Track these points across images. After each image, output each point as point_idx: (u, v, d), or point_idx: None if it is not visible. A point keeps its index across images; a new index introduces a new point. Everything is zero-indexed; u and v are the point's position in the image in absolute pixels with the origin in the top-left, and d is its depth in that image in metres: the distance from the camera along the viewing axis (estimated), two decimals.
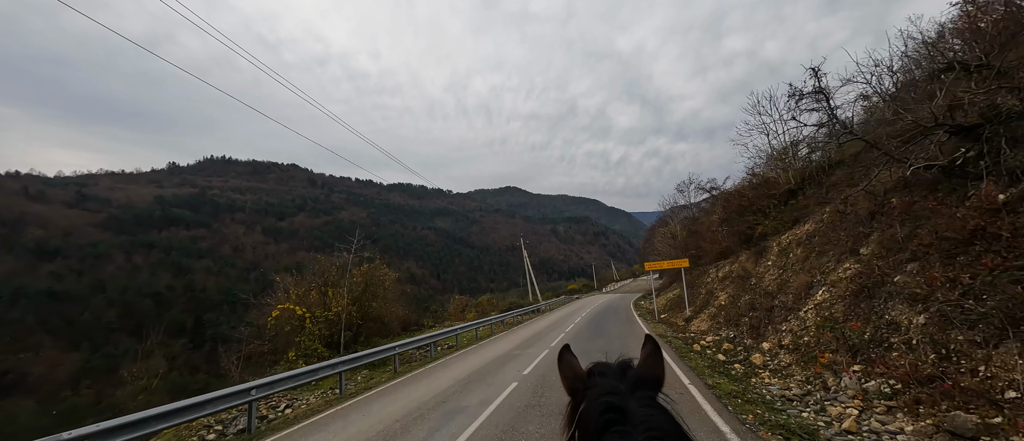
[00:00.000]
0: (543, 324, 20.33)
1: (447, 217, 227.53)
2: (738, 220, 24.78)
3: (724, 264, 19.47)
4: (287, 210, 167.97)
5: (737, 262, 17.92)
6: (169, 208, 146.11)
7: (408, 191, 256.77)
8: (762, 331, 11.11)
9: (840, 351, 7.40)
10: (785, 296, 11.21)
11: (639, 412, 0.74)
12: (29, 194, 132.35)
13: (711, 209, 34.12)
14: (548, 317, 24.94)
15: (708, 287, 19.13)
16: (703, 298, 18.54)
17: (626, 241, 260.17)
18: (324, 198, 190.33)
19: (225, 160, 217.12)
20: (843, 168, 19.56)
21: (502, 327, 20.00)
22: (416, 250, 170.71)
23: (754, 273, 15.14)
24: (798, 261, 12.28)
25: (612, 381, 0.86)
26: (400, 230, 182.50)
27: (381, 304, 14.06)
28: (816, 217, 13.23)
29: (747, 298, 13.80)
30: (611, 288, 69.37)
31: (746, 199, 24.76)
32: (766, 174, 25.06)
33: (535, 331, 17.32)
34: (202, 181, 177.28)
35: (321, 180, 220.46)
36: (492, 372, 9.25)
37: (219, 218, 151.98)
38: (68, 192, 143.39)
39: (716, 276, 19.19)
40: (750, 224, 22.85)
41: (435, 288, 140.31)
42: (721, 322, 14.39)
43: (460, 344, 15.09)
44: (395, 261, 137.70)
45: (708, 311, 16.59)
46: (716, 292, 17.58)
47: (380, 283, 14.21)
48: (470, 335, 16.93)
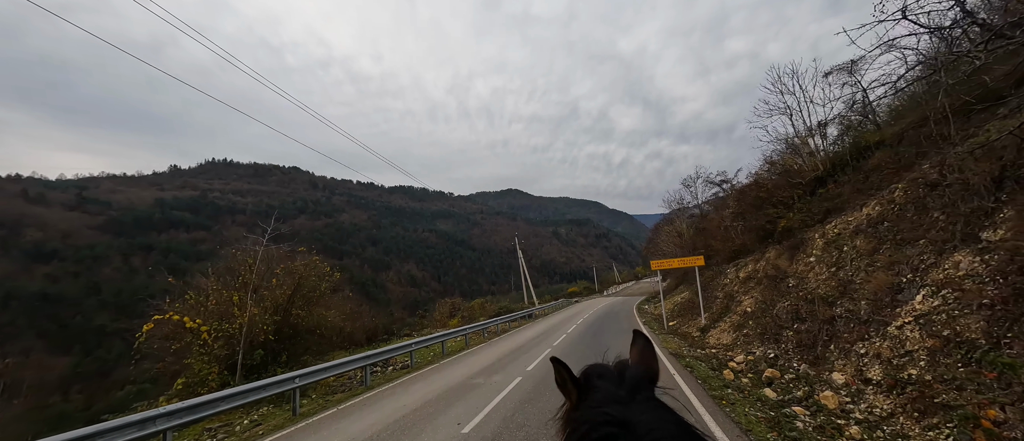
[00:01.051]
0: (531, 334, 17.06)
1: (448, 219, 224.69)
2: (755, 214, 21.57)
3: (746, 262, 16.17)
4: (288, 213, 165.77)
5: (762, 260, 14.63)
6: (169, 211, 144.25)
7: (409, 194, 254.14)
8: (821, 352, 7.84)
9: (1014, 401, 4.13)
10: (853, 302, 7.93)
11: (643, 421, 0.67)
12: (29, 196, 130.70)
13: (722, 204, 30.79)
14: (539, 324, 21.68)
15: (726, 290, 15.83)
16: (721, 303, 15.24)
17: (628, 243, 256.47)
18: (325, 200, 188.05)
19: (226, 163, 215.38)
20: (885, 149, 16.30)
21: (482, 338, 16.76)
22: (417, 252, 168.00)
23: (791, 272, 11.85)
24: (862, 255, 9.00)
25: (610, 386, 0.79)
26: (401, 232, 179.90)
27: (317, 312, 10.82)
28: (882, 197, 9.93)
29: (786, 304, 10.52)
30: (613, 291, 65.99)
31: (764, 190, 21.55)
32: (787, 161, 21.81)
33: (518, 343, 14.07)
34: (203, 184, 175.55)
35: (322, 183, 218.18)
36: (427, 419, 6.03)
37: (219, 220, 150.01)
38: (68, 195, 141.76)
39: (736, 277, 15.89)
40: (770, 218, 19.61)
41: (436, 291, 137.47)
42: (751, 335, 11.11)
43: (419, 362, 11.88)
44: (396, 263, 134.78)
45: (730, 319, 13.31)
46: (738, 296, 14.29)
47: (314, 286, 10.95)
48: (436, 349, 13.73)
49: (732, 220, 24.19)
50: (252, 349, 8.73)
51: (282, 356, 9.51)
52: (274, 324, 9.53)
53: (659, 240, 44.73)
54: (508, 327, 20.81)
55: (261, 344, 9.01)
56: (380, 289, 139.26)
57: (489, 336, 17.67)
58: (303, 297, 10.48)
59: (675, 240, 37.30)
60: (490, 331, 18.93)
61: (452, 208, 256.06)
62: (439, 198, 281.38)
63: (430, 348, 13.90)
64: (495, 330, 19.01)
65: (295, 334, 10.45)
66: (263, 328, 8.95)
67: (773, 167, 21.92)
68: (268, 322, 9.29)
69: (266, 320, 9.29)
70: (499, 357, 11.25)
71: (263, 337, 8.92)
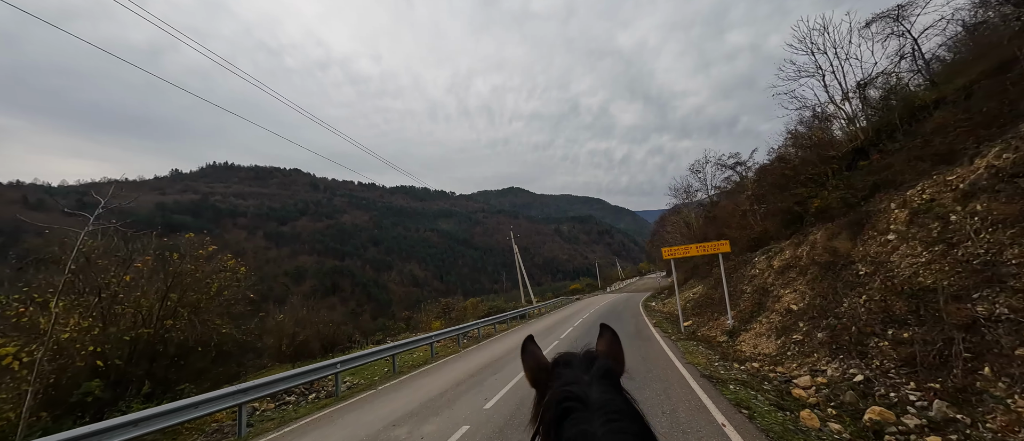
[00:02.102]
0: (517, 339, 13.89)
1: (450, 219, 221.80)
2: (779, 196, 18.29)
3: (781, 248, 12.89)
4: (289, 214, 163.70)
5: (805, 244, 11.37)
6: (170, 215, 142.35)
7: (411, 193, 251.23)
8: (964, 377, 4.65)
9: None
10: (1012, 295, 4.73)
11: (600, 398, 0.73)
12: (28, 203, 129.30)
13: (735, 189, 27.46)
14: (532, 326, 18.50)
15: (756, 283, 12.57)
16: (750, 299, 11.98)
17: (631, 239, 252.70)
18: (326, 202, 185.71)
19: (227, 166, 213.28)
20: (946, 107, 13.04)
21: (456, 346, 13.60)
22: (419, 252, 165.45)
23: (857, 256, 8.61)
24: (997, 222, 5.78)
25: (576, 371, 0.84)
26: (403, 232, 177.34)
27: (212, 321, 7.55)
28: (1011, 143, 6.65)
29: (861, 299, 7.30)
30: (616, 287, 62.72)
31: (790, 168, 18.28)
32: (816, 134, 18.53)
33: (495, 355, 10.92)
34: (204, 187, 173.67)
35: (323, 184, 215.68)
36: None
37: (221, 223, 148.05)
38: (69, 201, 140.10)
39: (767, 266, 12.62)
40: (799, 198, 16.34)
41: (438, 290, 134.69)
42: (808, 342, 7.89)
43: (360, 384, 8.76)
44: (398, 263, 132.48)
45: (766, 320, 10.10)
46: (774, 290, 11.05)
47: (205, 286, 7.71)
48: (382, 367, 10.61)
49: (751, 204, 20.92)
50: (77, 378, 5.69)
51: (144, 386, 6.47)
52: (137, 340, 6.46)
53: (665, 233, 41.41)
54: (494, 330, 17.62)
55: (101, 372, 5.96)
56: (382, 289, 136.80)
57: (467, 343, 14.52)
58: (190, 303, 7.39)
59: (683, 231, 33.98)
60: (471, 336, 15.77)
61: (454, 207, 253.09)
62: (441, 197, 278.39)
63: (381, 364, 10.78)
64: (476, 334, 15.84)
65: (181, 353, 7.37)
66: (98, 349, 5.85)
67: (799, 141, 18.63)
68: (118, 337, 6.21)
69: (116, 334, 6.22)
70: (459, 380, 8.09)
71: (101, 362, 5.86)
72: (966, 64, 14.31)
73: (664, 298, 30.77)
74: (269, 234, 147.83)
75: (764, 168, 21.23)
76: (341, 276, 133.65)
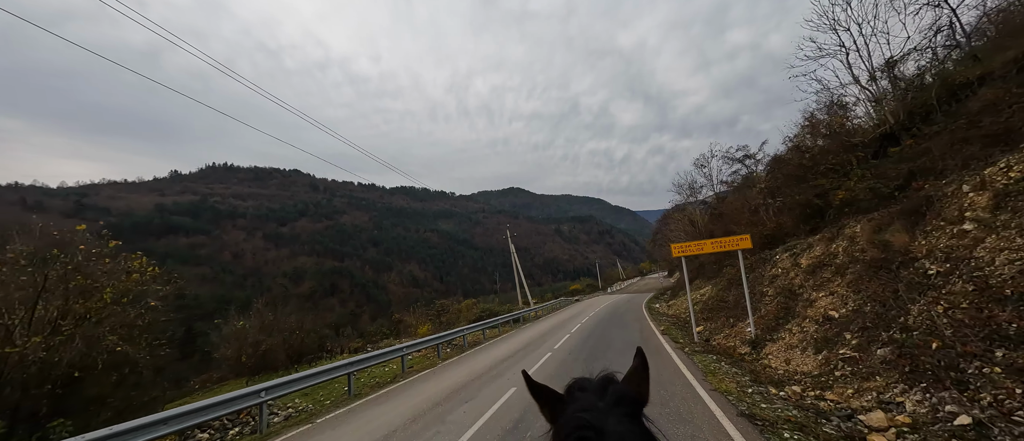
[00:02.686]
0: (505, 349, 12.17)
1: (450, 219, 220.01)
2: (795, 188, 16.61)
3: (810, 243, 11.12)
4: (288, 215, 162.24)
5: (841, 238, 9.62)
6: (168, 216, 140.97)
7: (411, 194, 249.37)
8: None
9: None
10: None
11: (616, 430, 0.67)
12: (26, 205, 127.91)
13: (745, 183, 25.71)
14: (526, 331, 16.77)
15: (778, 285, 10.81)
16: (775, 303, 10.23)
17: (631, 239, 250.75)
18: (326, 203, 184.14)
19: (227, 167, 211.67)
20: (994, 84, 11.34)
21: (437, 356, 11.87)
22: (419, 253, 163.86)
23: (919, 251, 6.87)
24: None
25: (591, 397, 0.78)
26: (403, 233, 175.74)
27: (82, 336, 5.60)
28: None
29: (952, 309, 5.56)
30: (617, 287, 60.92)
31: (808, 157, 16.62)
32: (836, 120, 16.83)
33: (478, 369, 9.20)
34: (204, 188, 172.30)
35: (323, 185, 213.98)
36: None
37: (219, 225, 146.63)
38: (67, 202, 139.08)
39: (793, 266, 10.87)
40: (820, 190, 14.68)
41: (438, 291, 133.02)
42: (864, 363, 6.15)
43: (296, 418, 7.05)
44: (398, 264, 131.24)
45: (798, 329, 8.38)
46: (805, 293, 9.31)
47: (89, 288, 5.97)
48: (342, 386, 8.88)
49: (764, 198, 19.17)
50: None
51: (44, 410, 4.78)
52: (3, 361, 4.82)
53: (668, 232, 39.62)
54: (483, 337, 15.86)
55: None
56: (381, 290, 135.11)
57: (451, 352, 12.79)
58: (74, 313, 5.71)
59: (687, 229, 32.18)
60: (457, 343, 14.03)
61: (454, 208, 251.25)
62: (441, 198, 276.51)
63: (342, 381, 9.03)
64: (461, 342, 14.08)
65: (67, 378, 5.68)
66: None
67: (818, 127, 16.90)
68: None
69: None
70: (420, 411, 6.34)
71: None
72: (1016, 34, 12.55)
73: (668, 299, 29.00)
74: (268, 235, 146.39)
75: (778, 159, 19.48)
76: (340, 277, 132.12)
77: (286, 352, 11.99)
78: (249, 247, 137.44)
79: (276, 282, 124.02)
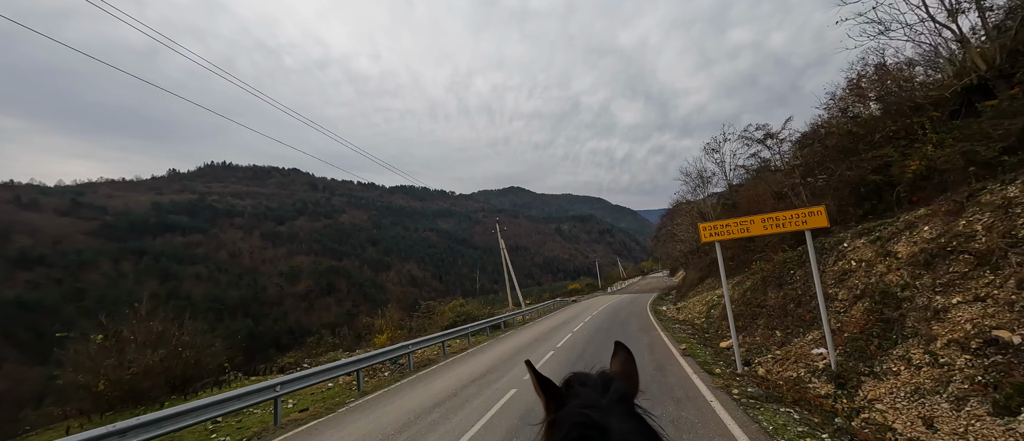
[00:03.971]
0: (458, 376, 8.73)
1: (450, 218, 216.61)
2: (844, 163, 13.29)
3: (914, 221, 7.57)
4: (287, 214, 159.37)
5: (976, 209, 6.16)
6: (165, 215, 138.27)
7: (410, 193, 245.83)
8: None
9: None
10: None
11: (620, 429, 0.67)
12: (22, 203, 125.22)
13: (766, 168, 22.21)
14: (511, 340, 13.36)
15: (858, 285, 7.33)
16: (860, 315, 6.76)
17: (632, 239, 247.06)
18: (325, 201, 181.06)
19: (225, 166, 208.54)
20: None
21: (356, 388, 8.44)
22: (418, 252, 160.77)
23: None
24: None
25: (592, 393, 0.77)
26: (402, 232, 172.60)
27: None
28: None
29: None
30: (618, 287, 57.44)
31: (861, 125, 13.38)
32: (898, 75, 13.53)
33: (409, 411, 5.78)
34: (202, 187, 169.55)
35: (322, 184, 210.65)
36: None
37: (217, 223, 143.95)
38: (63, 200, 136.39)
39: (880, 255, 7.38)
40: (882, 161, 11.35)
41: (437, 290, 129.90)
42: None
43: None
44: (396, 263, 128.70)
45: (919, 355, 4.98)
46: (919, 298, 5.87)
47: None
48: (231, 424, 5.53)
49: (801, 178, 15.68)
50: None
51: None
52: None
53: (674, 227, 36.08)
54: (435, 356, 12.35)
55: None
56: (379, 289, 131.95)
57: (392, 377, 9.37)
58: None
59: (697, 223, 28.72)
60: (418, 358, 10.58)
61: (454, 207, 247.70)
62: (440, 197, 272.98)
63: None
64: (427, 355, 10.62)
65: None
66: None
67: (878, 82, 13.43)
68: None
69: None
70: None
71: None
72: None
73: (675, 301, 25.49)
74: (266, 234, 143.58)
75: (817, 131, 15.99)
76: (337, 276, 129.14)
77: (166, 377, 8.61)
78: (246, 246, 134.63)
79: (272, 281, 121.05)
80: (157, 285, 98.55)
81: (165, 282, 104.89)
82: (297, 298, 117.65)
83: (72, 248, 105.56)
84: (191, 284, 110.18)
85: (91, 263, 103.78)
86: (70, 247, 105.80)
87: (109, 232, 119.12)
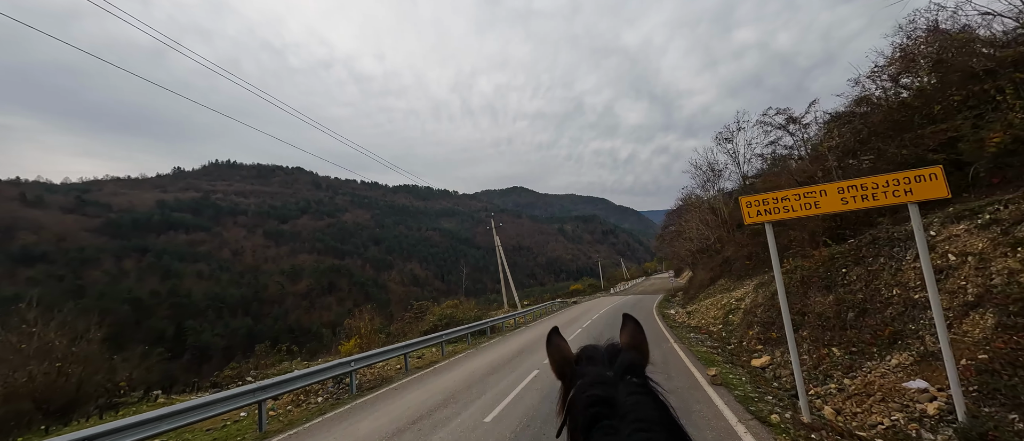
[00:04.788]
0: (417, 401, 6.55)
1: (453, 218, 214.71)
2: (893, 140, 11.14)
3: None
4: (290, 213, 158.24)
5: None
6: (169, 212, 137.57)
7: (413, 192, 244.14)
8: None
9: None
10: None
11: (627, 402, 0.70)
12: (26, 200, 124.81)
13: (786, 156, 19.83)
14: (496, 349, 11.22)
15: (957, 288, 5.07)
16: (980, 329, 4.50)
17: (635, 239, 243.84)
18: (328, 200, 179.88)
19: (230, 164, 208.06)
20: None
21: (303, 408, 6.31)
22: (420, 251, 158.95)
23: None
24: None
25: (601, 368, 0.81)
26: (404, 231, 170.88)
27: None
28: None
29: None
30: (621, 288, 55.04)
31: (916, 95, 11.24)
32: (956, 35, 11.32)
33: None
34: (206, 185, 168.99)
35: (326, 183, 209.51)
36: None
37: (220, 222, 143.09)
38: (68, 198, 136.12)
39: (996, 243, 5.13)
40: (943, 139, 9.09)
41: (439, 290, 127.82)
42: None
43: None
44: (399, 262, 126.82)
45: None
46: None
47: None
48: None
49: (837, 162, 13.31)
50: None
51: None
52: None
53: (681, 225, 33.70)
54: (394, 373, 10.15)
55: None
56: (381, 289, 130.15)
57: (322, 406, 7.23)
58: None
59: (707, 219, 26.34)
60: (374, 375, 8.42)
61: (457, 206, 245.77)
62: (444, 196, 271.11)
63: None
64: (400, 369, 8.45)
65: None
66: None
67: (937, 46, 11.08)
68: None
69: None
70: None
71: None
72: None
73: (683, 304, 23.12)
74: (269, 232, 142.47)
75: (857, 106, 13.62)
76: (339, 275, 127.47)
77: (34, 399, 6.55)
78: (249, 245, 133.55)
79: (273, 280, 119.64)
80: (158, 283, 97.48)
81: (166, 280, 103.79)
82: (298, 297, 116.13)
83: (75, 245, 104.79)
84: (192, 282, 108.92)
85: (93, 260, 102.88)
86: (73, 244, 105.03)
87: (113, 229, 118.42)
